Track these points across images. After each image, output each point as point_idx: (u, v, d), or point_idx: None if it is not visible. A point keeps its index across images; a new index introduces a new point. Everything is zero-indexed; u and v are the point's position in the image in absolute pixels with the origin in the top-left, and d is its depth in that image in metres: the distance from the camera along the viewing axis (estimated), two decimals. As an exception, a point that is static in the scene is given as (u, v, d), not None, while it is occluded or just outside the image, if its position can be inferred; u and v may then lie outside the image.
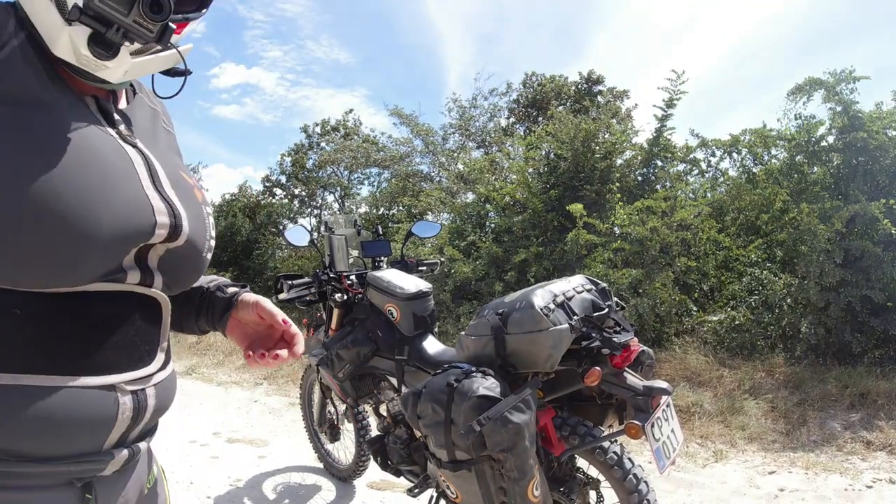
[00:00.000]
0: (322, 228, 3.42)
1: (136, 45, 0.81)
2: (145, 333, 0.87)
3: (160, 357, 0.90)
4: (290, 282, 2.73)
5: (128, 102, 0.95)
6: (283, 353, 1.01)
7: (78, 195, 0.72)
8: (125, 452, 0.84)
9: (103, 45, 0.75)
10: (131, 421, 0.83)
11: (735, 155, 7.10)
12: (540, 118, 14.49)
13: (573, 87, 15.88)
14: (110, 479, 0.85)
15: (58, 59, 0.78)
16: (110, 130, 0.84)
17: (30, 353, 0.73)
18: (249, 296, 1.08)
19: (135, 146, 0.87)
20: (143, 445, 0.89)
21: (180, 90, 0.94)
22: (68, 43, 0.75)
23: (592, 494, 2.11)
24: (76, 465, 0.77)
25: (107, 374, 0.80)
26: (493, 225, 8.60)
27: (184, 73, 0.93)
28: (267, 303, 1.05)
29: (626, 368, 1.93)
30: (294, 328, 1.04)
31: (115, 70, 0.80)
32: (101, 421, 0.79)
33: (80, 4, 0.73)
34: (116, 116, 0.88)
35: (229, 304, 1.08)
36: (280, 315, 1.04)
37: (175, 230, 0.85)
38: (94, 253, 0.74)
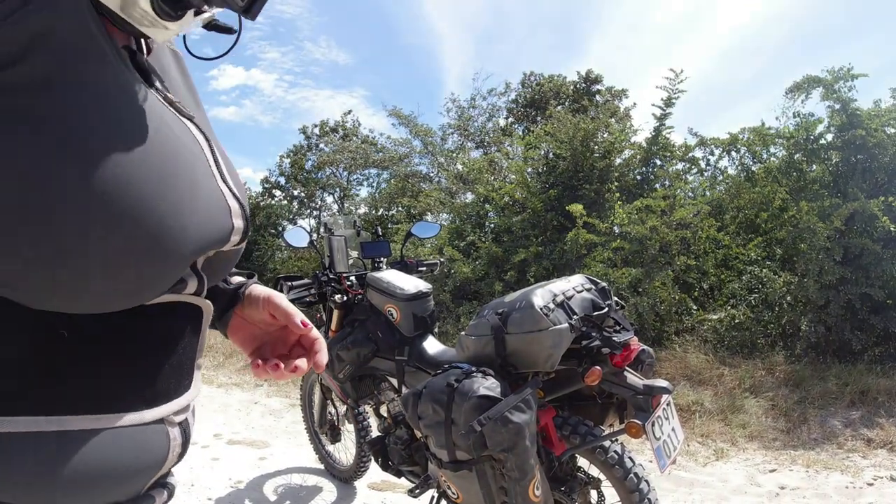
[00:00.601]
0: (322, 230, 3.42)
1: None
2: (189, 350, 0.72)
3: (197, 377, 0.75)
4: (289, 283, 2.73)
5: (149, 49, 0.73)
6: (303, 363, 0.79)
7: (165, 199, 0.57)
8: (164, 494, 0.72)
9: (171, 3, 0.59)
10: (178, 458, 0.71)
11: (734, 153, 7.12)
12: (539, 118, 14.50)
13: (571, 87, 15.90)
14: None
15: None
16: (160, 98, 0.66)
17: (77, 388, 0.59)
18: (259, 289, 0.87)
19: (192, 120, 0.70)
20: (174, 481, 0.76)
21: (229, 51, 0.77)
22: None
23: (593, 494, 2.11)
24: None
25: (159, 404, 0.67)
26: (492, 225, 8.61)
27: (229, 30, 0.75)
28: (281, 299, 0.85)
29: (627, 367, 1.93)
30: (315, 331, 0.84)
31: (169, 32, 0.63)
32: (152, 462, 0.66)
33: None
34: (153, 77, 0.69)
35: (234, 298, 0.87)
36: (298, 315, 0.83)
37: (245, 233, 0.73)
38: (174, 269, 0.62)
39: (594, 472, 2.10)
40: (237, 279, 0.90)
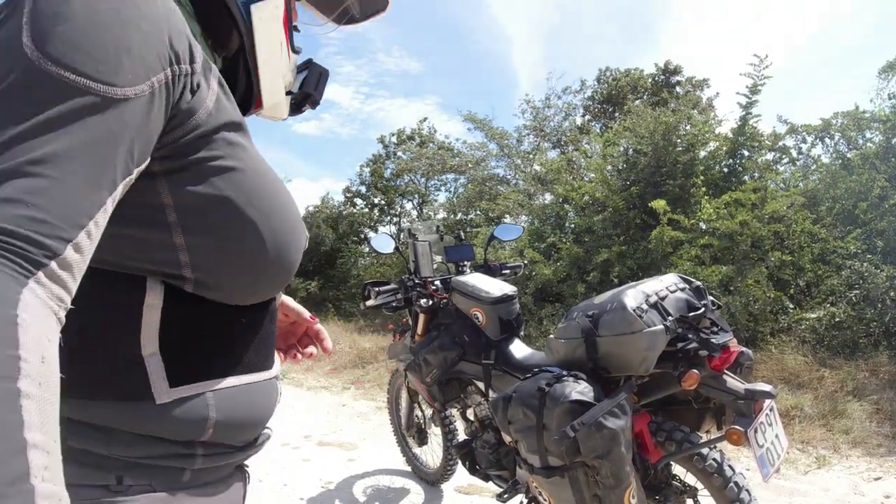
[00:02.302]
0: (405, 235, 3.47)
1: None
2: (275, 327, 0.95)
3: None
4: (377, 288, 2.77)
5: None
6: (313, 350, 1.09)
7: (294, 227, 0.81)
8: (270, 434, 0.92)
9: (293, 110, 1.04)
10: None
11: (827, 140, 6.75)
12: (617, 114, 14.19)
13: (650, 80, 15.50)
14: None
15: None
16: None
17: (252, 355, 0.82)
18: None
19: None
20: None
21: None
22: (275, 102, 0.93)
23: (690, 503, 2.04)
24: (252, 449, 0.86)
25: (273, 365, 0.89)
26: (572, 225, 8.49)
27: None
28: (289, 300, 1.08)
29: (726, 371, 1.85)
30: (319, 324, 1.11)
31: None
32: (274, 406, 0.88)
33: (302, 93, 1.05)
34: None
35: None
36: (306, 312, 1.09)
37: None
38: (292, 274, 0.85)
39: (690, 480, 2.03)
40: None
